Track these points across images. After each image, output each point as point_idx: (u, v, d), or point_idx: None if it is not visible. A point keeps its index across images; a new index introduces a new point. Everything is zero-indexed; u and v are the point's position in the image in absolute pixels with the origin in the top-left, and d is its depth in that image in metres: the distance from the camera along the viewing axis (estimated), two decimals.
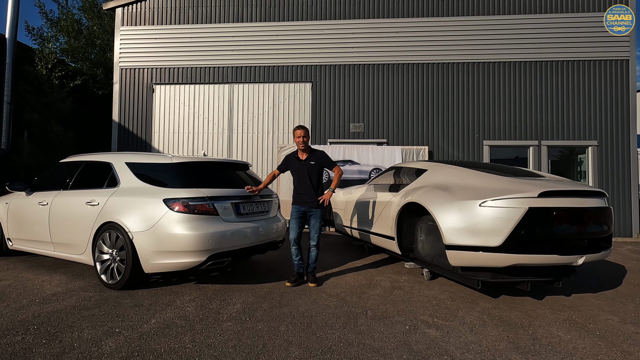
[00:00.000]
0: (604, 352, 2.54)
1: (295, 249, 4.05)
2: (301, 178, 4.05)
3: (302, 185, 4.05)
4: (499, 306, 3.40)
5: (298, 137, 4.03)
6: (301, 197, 4.05)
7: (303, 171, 4.04)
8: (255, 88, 9.08)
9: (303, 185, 4.05)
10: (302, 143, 4.03)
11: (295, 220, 4.05)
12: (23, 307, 3.16)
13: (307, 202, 4.03)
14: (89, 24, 14.36)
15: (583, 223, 3.34)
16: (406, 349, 2.52)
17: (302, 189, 4.05)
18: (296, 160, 4.12)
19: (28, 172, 9.04)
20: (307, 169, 4.04)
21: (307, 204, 4.03)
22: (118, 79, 9.35)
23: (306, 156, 4.08)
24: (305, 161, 4.07)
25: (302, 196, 4.05)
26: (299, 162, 4.09)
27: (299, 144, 4.05)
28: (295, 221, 4.04)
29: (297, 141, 4.04)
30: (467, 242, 3.35)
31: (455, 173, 4.11)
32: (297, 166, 4.09)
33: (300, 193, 4.07)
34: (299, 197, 4.07)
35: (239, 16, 9.13)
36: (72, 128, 10.13)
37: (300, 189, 4.07)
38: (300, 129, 4.04)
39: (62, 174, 4.56)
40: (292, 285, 3.91)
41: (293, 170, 4.13)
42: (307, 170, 4.04)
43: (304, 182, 4.04)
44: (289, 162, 4.18)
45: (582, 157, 8.64)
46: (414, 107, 8.71)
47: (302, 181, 4.05)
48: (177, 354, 2.38)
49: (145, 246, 3.49)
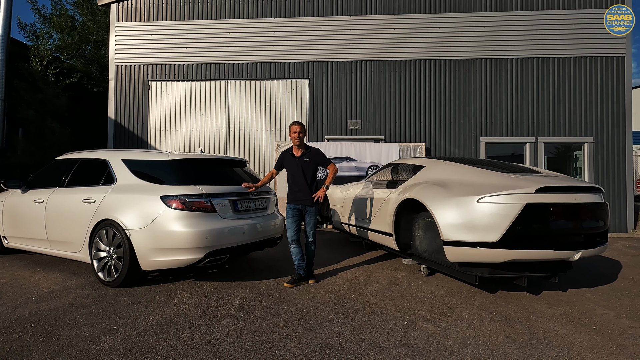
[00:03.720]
0: (600, 346, 2.56)
1: (295, 247, 3.96)
2: (295, 175, 4.01)
3: (296, 182, 4.00)
4: (496, 301, 3.43)
5: (294, 133, 3.99)
6: (296, 195, 3.99)
7: (298, 168, 3.99)
8: (252, 85, 9.04)
9: (297, 183, 3.99)
10: (297, 139, 3.99)
11: (291, 219, 3.99)
12: (20, 305, 3.15)
13: (302, 200, 3.97)
14: (83, 20, 14.20)
15: (579, 219, 3.37)
16: (404, 344, 2.53)
17: (297, 187, 3.99)
18: (291, 157, 4.07)
19: (23, 170, 8.96)
20: (301, 165, 4.00)
21: (302, 202, 3.98)
22: (113, 75, 9.27)
23: (301, 153, 4.04)
24: (300, 158, 4.02)
25: (296, 194, 3.99)
26: (293, 159, 4.05)
27: (294, 140, 4.01)
28: (291, 220, 3.99)
29: (293, 136, 4.00)
30: (464, 238, 3.36)
31: (452, 169, 4.12)
32: (291, 163, 4.05)
33: (294, 191, 4.01)
34: (293, 195, 4.02)
35: (235, 12, 9.07)
36: (68, 125, 10.05)
37: (294, 186, 4.02)
38: (296, 125, 4.00)
39: (58, 171, 4.52)
40: (291, 287, 3.79)
41: (288, 167, 4.09)
42: (302, 167, 3.99)
43: (298, 179, 3.99)
44: (284, 159, 4.13)
45: (577, 153, 8.69)
46: (412, 103, 8.71)
47: (296, 178, 4.00)
48: (175, 350, 2.37)
49: (142, 243, 3.47)
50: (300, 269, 3.96)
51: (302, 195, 3.97)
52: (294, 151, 4.08)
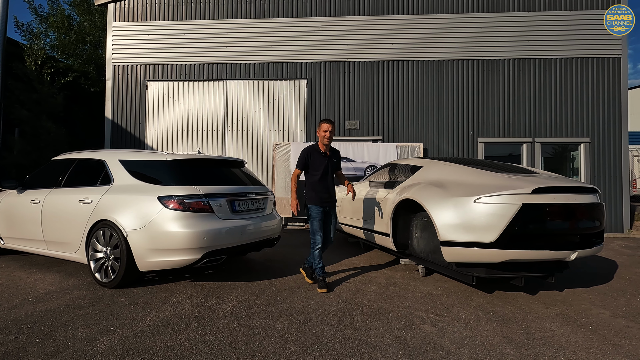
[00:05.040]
0: (596, 345, 2.57)
1: (320, 251, 3.80)
2: (323, 174, 3.82)
3: (322, 182, 3.82)
4: (493, 301, 3.44)
5: (325, 131, 3.81)
6: (322, 196, 3.82)
7: (327, 167, 3.83)
8: (250, 85, 9.03)
9: (324, 183, 3.82)
10: (328, 138, 3.82)
11: (319, 221, 3.80)
12: (16, 306, 3.13)
13: (328, 201, 3.84)
14: (80, 20, 14.15)
15: (576, 219, 3.38)
16: (402, 344, 2.53)
17: (323, 187, 3.82)
18: (319, 155, 3.86)
19: (19, 170, 8.92)
20: (331, 166, 3.87)
21: (327, 203, 3.85)
22: (110, 75, 9.23)
23: (329, 152, 3.91)
24: (329, 157, 3.87)
25: (322, 194, 3.82)
26: (322, 157, 3.86)
27: (325, 139, 3.82)
28: (319, 223, 3.80)
29: (323, 135, 3.82)
30: (461, 238, 3.37)
31: (450, 170, 4.13)
32: (319, 161, 3.85)
33: (320, 191, 3.81)
34: (319, 196, 3.81)
35: (233, 12, 9.06)
36: (64, 125, 10.01)
37: (320, 186, 3.82)
38: (328, 123, 3.82)
39: (54, 171, 4.50)
40: (326, 291, 3.62)
41: (314, 166, 3.85)
42: (330, 167, 3.86)
43: (325, 179, 3.83)
44: (310, 156, 3.87)
45: (574, 153, 8.74)
46: (409, 104, 8.72)
47: (323, 178, 3.82)
48: (172, 351, 2.37)
49: (139, 244, 3.46)
50: (322, 272, 3.80)
51: (329, 197, 3.86)
52: (321, 148, 3.89)
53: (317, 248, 3.79)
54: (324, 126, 3.84)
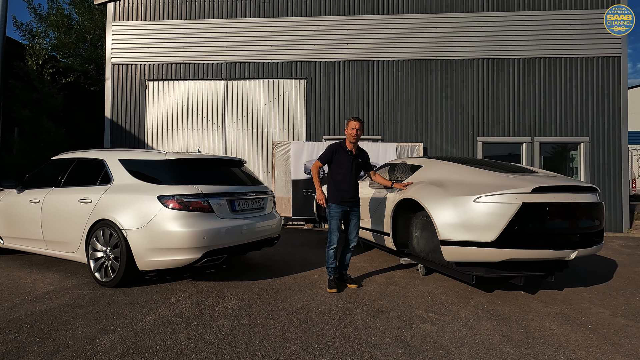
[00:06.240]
0: (596, 344, 2.58)
1: (334, 251, 3.75)
2: (347, 173, 3.75)
3: (346, 181, 3.74)
4: (492, 300, 3.44)
5: (352, 129, 3.72)
6: (344, 195, 3.73)
7: (352, 166, 3.76)
8: (250, 84, 9.03)
9: (348, 182, 3.74)
10: (355, 136, 3.73)
11: (337, 221, 3.75)
12: (16, 306, 3.13)
13: (350, 201, 3.76)
14: (80, 19, 14.13)
15: (575, 218, 3.39)
16: (402, 343, 2.53)
17: (346, 186, 3.74)
18: (345, 153, 3.78)
19: (19, 170, 8.92)
20: (355, 165, 3.79)
21: (350, 203, 3.77)
22: (110, 75, 9.22)
23: (356, 152, 3.83)
24: (355, 156, 3.80)
25: (344, 194, 3.73)
26: (348, 156, 3.78)
27: (352, 137, 3.73)
28: (337, 222, 3.75)
29: (351, 133, 3.73)
30: (461, 238, 3.37)
31: (449, 169, 4.13)
32: (345, 160, 3.77)
33: (343, 190, 3.73)
34: (341, 195, 3.73)
35: (232, 12, 9.05)
36: (63, 125, 10.01)
37: (344, 185, 3.73)
38: (357, 121, 3.74)
39: (54, 171, 4.49)
40: (335, 292, 3.61)
41: (338, 163, 3.77)
42: (355, 167, 3.79)
43: (349, 179, 3.74)
44: (337, 153, 3.78)
45: (574, 153, 8.74)
46: (409, 103, 8.72)
47: (347, 177, 3.74)
48: (172, 351, 2.37)
49: (139, 243, 3.46)
50: (334, 272, 3.79)
51: (352, 197, 3.78)
52: (348, 147, 3.80)
53: (332, 247, 3.74)
54: (351, 124, 3.75)
